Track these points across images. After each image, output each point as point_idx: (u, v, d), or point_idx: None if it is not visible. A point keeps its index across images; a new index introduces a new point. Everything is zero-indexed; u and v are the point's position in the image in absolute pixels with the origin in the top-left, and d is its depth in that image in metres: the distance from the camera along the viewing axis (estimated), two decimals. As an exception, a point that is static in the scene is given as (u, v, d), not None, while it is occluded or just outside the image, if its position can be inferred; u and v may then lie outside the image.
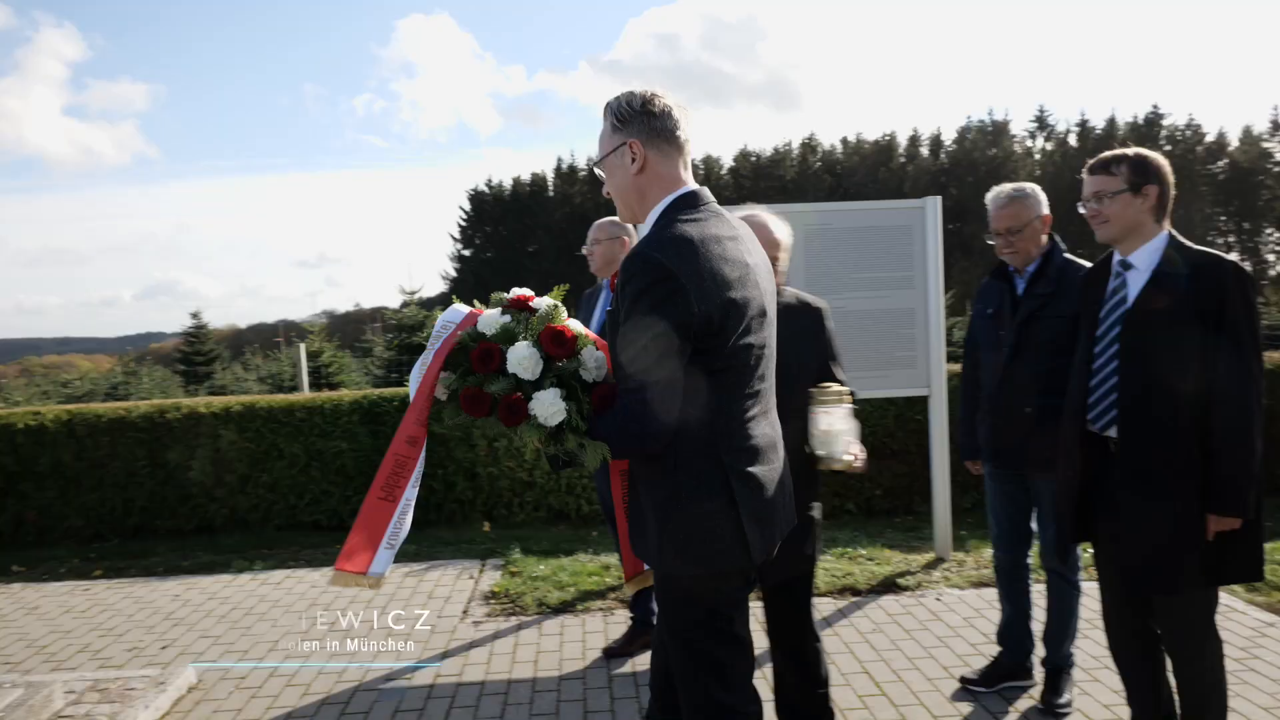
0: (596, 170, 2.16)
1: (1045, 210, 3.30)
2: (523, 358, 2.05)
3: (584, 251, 4.00)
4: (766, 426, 2.11)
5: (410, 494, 2.23)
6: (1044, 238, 3.30)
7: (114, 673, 3.98)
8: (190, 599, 5.17)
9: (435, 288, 65.09)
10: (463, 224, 67.80)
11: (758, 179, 61.65)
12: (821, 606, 4.58)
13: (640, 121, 2.04)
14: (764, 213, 2.83)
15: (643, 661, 3.98)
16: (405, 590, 5.15)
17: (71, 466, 6.67)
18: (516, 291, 2.26)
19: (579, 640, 4.26)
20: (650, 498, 2.03)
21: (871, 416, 6.40)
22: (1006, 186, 3.38)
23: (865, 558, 5.32)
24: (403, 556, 5.86)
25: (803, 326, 2.85)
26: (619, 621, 4.47)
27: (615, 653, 4.05)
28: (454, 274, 66.76)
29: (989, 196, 3.37)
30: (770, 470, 2.08)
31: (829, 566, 5.13)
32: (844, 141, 62.27)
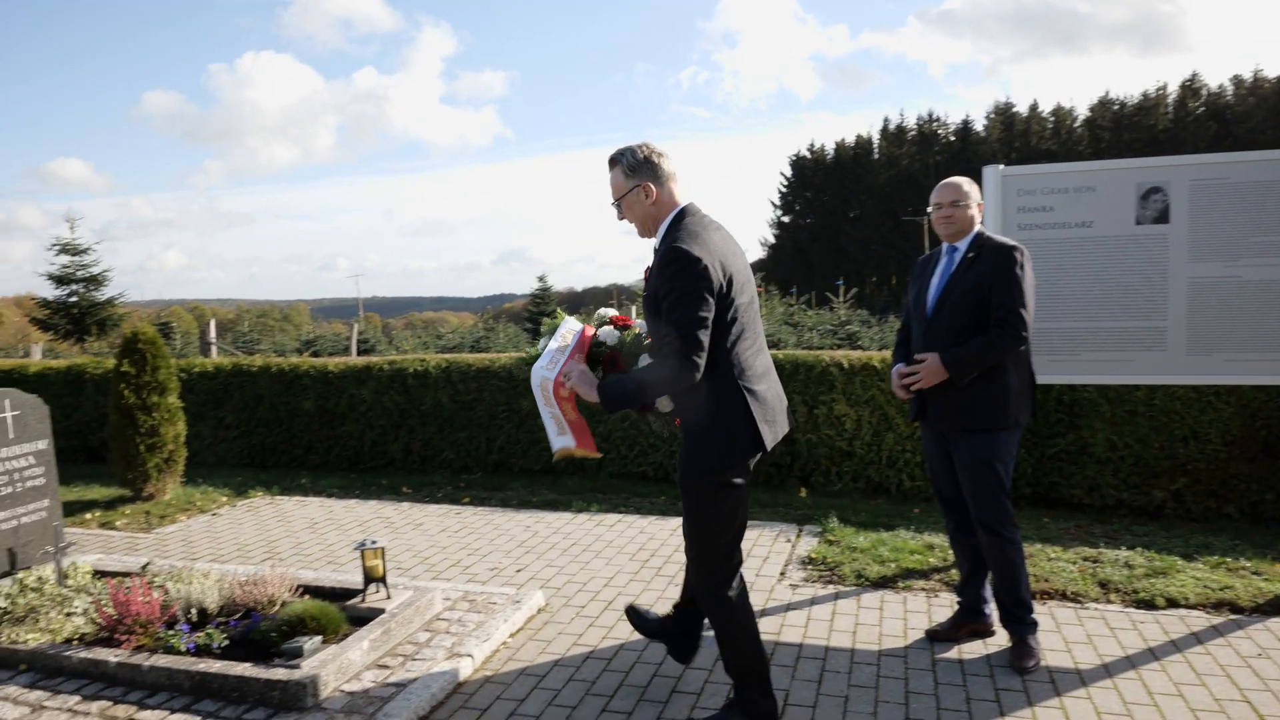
0: (613, 206, 3.01)
1: None
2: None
3: (930, 215, 3.74)
4: (765, 358, 3.00)
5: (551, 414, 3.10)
6: None
7: (479, 587, 4.58)
8: (539, 531, 5.79)
9: (755, 254, 65.92)
10: (783, 190, 67.76)
11: (1119, 130, 54.45)
12: (1191, 620, 4.00)
13: (646, 168, 2.92)
14: None
15: (970, 649, 3.76)
16: (725, 546, 5.32)
17: (448, 407, 7.74)
18: (613, 314, 3.23)
19: (900, 618, 4.13)
20: (692, 415, 2.87)
21: (1266, 408, 5.43)
22: None
23: (1249, 570, 4.54)
24: (722, 513, 6.06)
25: None
26: (943, 605, 4.26)
27: (940, 636, 3.86)
28: (773, 240, 67.13)
29: None
30: (769, 389, 2.97)
31: (1201, 576, 4.45)
32: (1236, 81, 52.72)
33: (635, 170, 2.93)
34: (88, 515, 6.61)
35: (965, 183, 3.69)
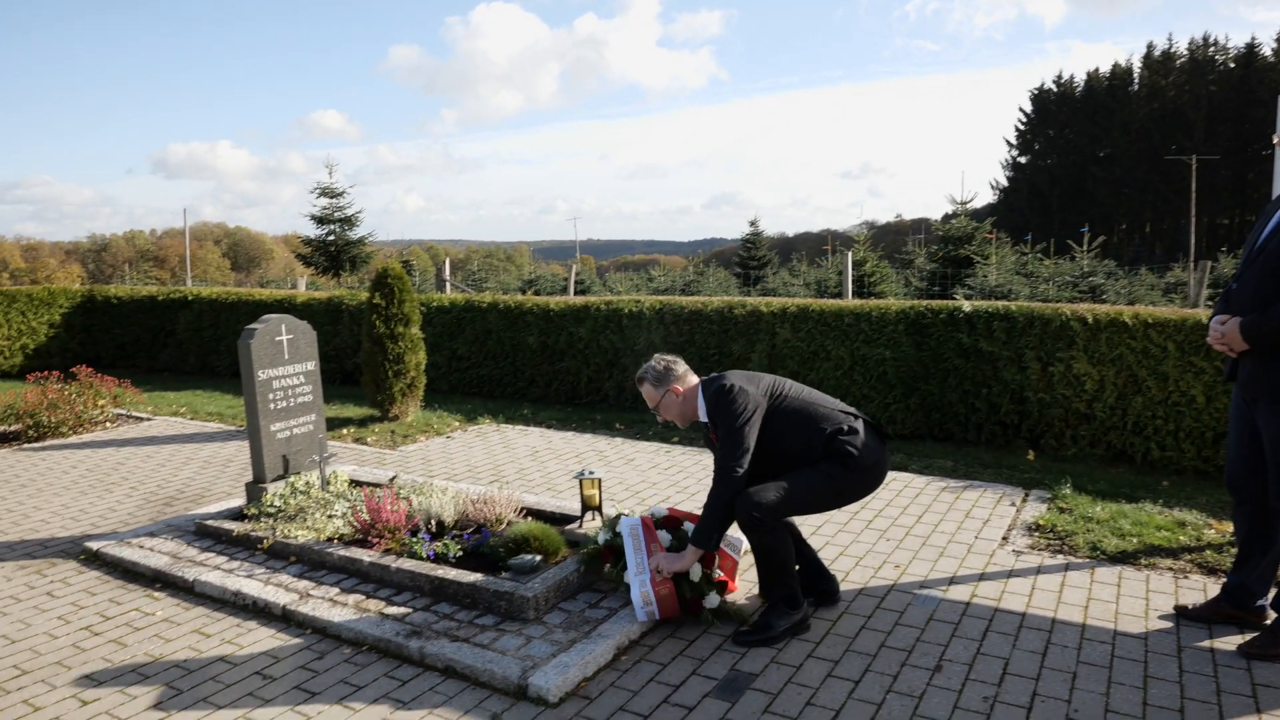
0: (654, 412, 3.70)
1: None
2: (695, 573, 3.59)
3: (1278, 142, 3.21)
4: (832, 400, 3.68)
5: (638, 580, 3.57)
6: None
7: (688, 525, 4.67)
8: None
9: (985, 198, 61.48)
10: (1020, 127, 62.31)
11: None
12: None
13: (667, 376, 3.63)
14: None
15: (1226, 637, 3.37)
16: (941, 504, 5.10)
17: (660, 348, 7.90)
18: (664, 511, 3.92)
19: (1140, 597, 3.77)
20: (814, 460, 3.49)
21: None
22: None
23: None
24: (938, 471, 5.81)
25: None
26: (1194, 588, 3.84)
27: (1190, 615, 3.50)
28: (1005, 183, 62.16)
29: None
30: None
31: None
32: None
33: (660, 380, 3.63)
34: (344, 431, 7.41)
35: None
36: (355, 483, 5.23)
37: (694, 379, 3.66)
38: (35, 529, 5.09)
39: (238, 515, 4.82)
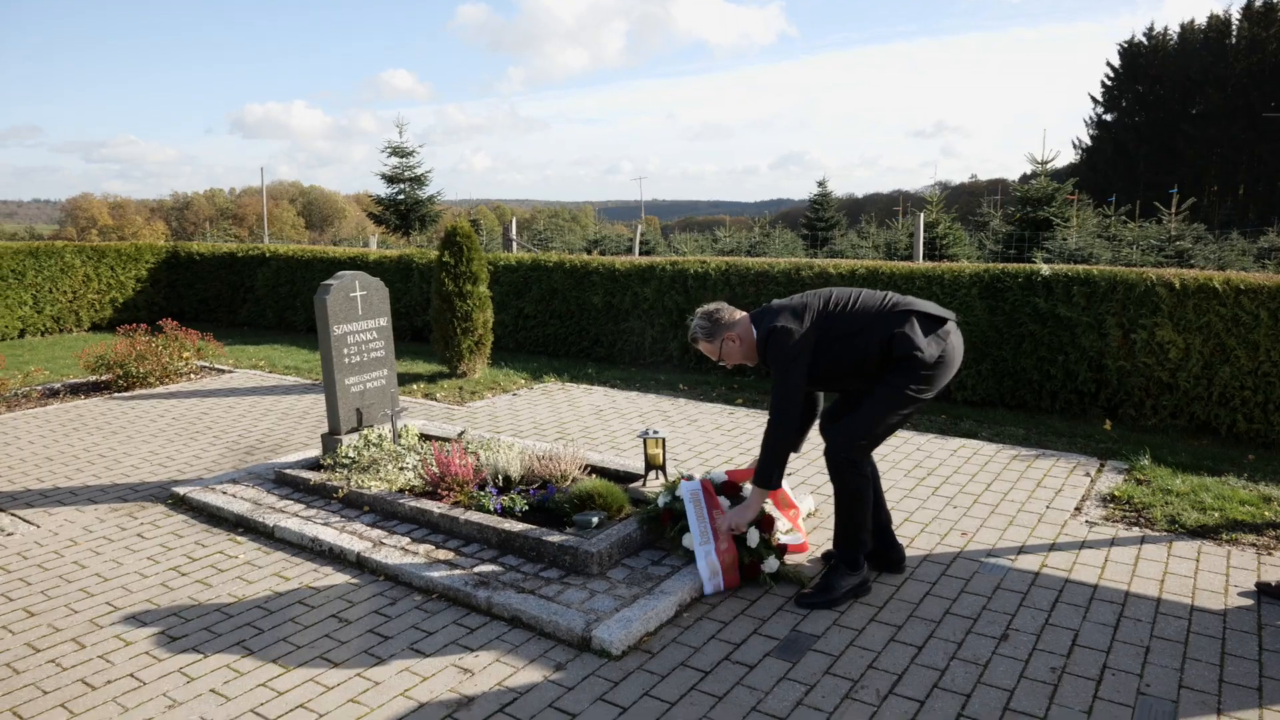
0: (720, 364, 3.73)
1: None
2: (752, 538, 3.63)
3: None
4: (889, 297, 3.54)
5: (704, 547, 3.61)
6: None
7: (751, 485, 4.68)
8: (812, 438, 5.76)
9: (1066, 157, 59.01)
10: (1107, 82, 59.40)
11: None
12: None
13: (717, 326, 3.55)
14: None
15: (1311, 620, 3.25)
16: (1011, 473, 4.99)
17: (725, 309, 7.85)
18: (726, 475, 3.91)
19: (1220, 572, 3.65)
20: (873, 370, 3.42)
21: None
22: None
23: None
24: (1009, 439, 5.68)
25: None
26: (1277, 564, 3.70)
27: (1273, 592, 3.38)
28: (1089, 142, 59.57)
29: None
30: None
31: None
32: None
33: (712, 333, 3.56)
34: (414, 386, 7.59)
35: None
36: (425, 437, 5.36)
37: (740, 316, 3.58)
38: (126, 474, 5.36)
39: (314, 465, 5.00)
